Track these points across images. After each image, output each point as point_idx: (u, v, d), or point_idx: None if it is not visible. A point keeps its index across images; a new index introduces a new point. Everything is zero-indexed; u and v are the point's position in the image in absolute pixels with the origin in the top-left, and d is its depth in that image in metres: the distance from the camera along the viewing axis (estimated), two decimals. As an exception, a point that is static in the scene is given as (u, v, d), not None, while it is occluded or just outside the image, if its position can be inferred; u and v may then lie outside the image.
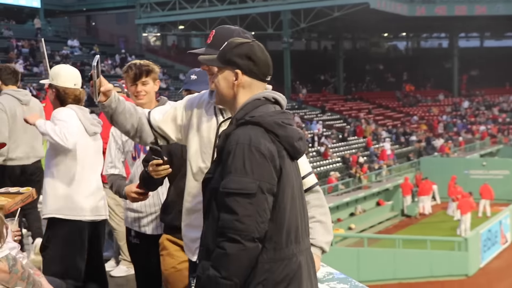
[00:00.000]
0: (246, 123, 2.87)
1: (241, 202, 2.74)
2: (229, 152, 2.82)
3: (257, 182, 2.76)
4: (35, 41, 43.29)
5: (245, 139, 2.80)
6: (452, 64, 57.74)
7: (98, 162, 5.22)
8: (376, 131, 43.98)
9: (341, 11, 45.76)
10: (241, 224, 2.72)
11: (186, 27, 53.83)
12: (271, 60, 3.09)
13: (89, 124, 5.17)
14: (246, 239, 2.72)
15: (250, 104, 2.97)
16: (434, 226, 29.47)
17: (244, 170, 2.77)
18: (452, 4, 50.30)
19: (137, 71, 4.64)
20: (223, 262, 2.75)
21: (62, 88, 5.13)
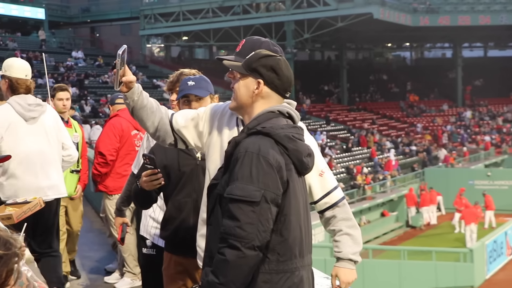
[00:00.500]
0: (257, 132, 2.89)
1: (244, 210, 2.74)
2: (237, 159, 2.83)
3: (262, 191, 2.76)
4: (39, 52, 43.42)
5: (254, 148, 2.82)
6: (456, 74, 57.75)
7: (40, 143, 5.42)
8: (380, 142, 43.92)
9: (344, 22, 45.81)
10: (242, 231, 2.72)
11: (189, 38, 53.98)
12: (293, 78, 3.12)
13: (25, 111, 5.40)
14: (246, 246, 2.72)
15: (264, 115, 2.99)
16: (439, 237, 29.38)
17: (250, 178, 2.77)
18: (455, 14, 50.35)
19: (175, 79, 4.48)
20: (222, 268, 2.75)
21: (15, 79, 5.46)
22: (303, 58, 60.69)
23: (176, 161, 3.95)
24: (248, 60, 3.07)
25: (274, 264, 2.85)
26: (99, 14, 57.72)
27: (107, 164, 7.12)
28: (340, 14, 45.88)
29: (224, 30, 49.12)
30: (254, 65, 3.05)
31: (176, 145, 3.51)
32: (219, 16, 48.92)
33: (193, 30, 50.67)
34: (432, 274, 21.25)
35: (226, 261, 2.73)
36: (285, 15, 47.55)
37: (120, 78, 3.31)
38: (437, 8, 50.60)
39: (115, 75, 3.30)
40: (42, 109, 5.53)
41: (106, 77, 42.10)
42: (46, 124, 5.50)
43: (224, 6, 48.45)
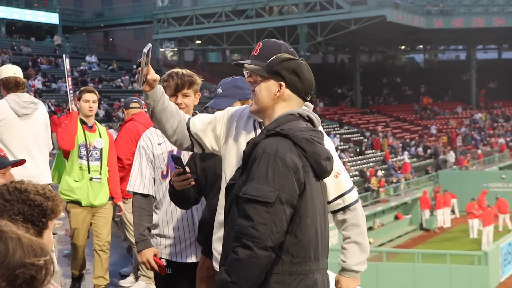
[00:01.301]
0: (276, 134, 2.91)
1: (258, 210, 2.76)
2: (254, 159, 2.86)
3: (277, 192, 2.77)
4: (54, 57, 43.67)
5: (271, 148, 2.83)
6: (470, 76, 57.49)
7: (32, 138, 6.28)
8: (393, 144, 43.84)
9: (357, 24, 45.74)
10: (255, 231, 2.74)
11: (203, 42, 54.05)
12: (314, 82, 3.17)
13: (19, 108, 6.17)
14: (259, 246, 2.73)
15: (284, 117, 3.01)
16: (453, 240, 29.26)
17: (266, 178, 2.79)
18: (469, 16, 50.15)
19: (179, 82, 4.29)
20: (234, 267, 2.77)
21: (5, 78, 6.26)
22: (316, 61, 60.59)
23: (213, 164, 3.88)
24: (270, 63, 3.09)
25: (288, 266, 2.85)
26: (113, 18, 57.93)
27: (123, 168, 7.12)
28: (353, 17, 45.81)
29: (237, 34, 49.16)
30: (276, 68, 3.07)
31: (193, 149, 3.53)
32: (232, 19, 48.98)
33: (206, 34, 50.73)
34: (447, 277, 21.15)
35: (239, 260, 2.75)
36: (298, 18, 47.54)
37: (144, 77, 3.32)
38: (451, 10, 50.44)
39: (139, 74, 3.32)
40: (35, 106, 6.35)
41: (120, 82, 42.26)
42: (37, 120, 6.38)
43: (237, 9, 48.51)
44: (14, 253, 1.76)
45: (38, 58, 41.61)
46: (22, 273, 1.76)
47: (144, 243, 4.24)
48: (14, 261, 1.75)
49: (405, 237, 30.94)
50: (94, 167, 6.69)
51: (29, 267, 1.77)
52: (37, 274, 1.79)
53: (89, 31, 61.40)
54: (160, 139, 4.39)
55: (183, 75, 4.30)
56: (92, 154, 6.72)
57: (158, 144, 4.42)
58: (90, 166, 6.68)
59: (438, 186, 35.18)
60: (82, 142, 6.69)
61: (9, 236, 1.78)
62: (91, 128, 6.88)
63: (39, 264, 1.80)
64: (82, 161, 6.67)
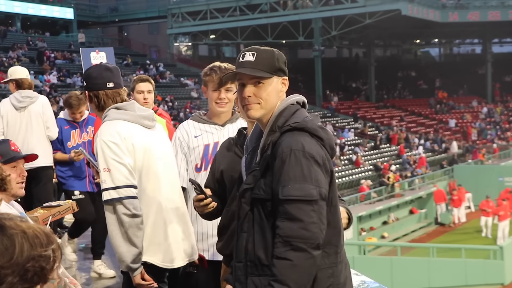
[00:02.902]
0: (292, 129, 2.85)
1: (305, 209, 2.70)
2: (283, 159, 2.78)
3: (317, 189, 2.74)
4: (68, 52, 43.83)
5: (297, 146, 2.78)
6: (486, 70, 57.17)
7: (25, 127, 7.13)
8: (408, 139, 43.71)
9: (372, 18, 45.58)
10: (307, 232, 2.68)
11: (217, 36, 54.05)
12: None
13: (17, 103, 7.10)
14: (312, 247, 2.68)
15: (287, 110, 2.95)
16: (468, 234, 29.14)
17: (303, 176, 2.74)
18: (485, 9, 49.85)
19: (222, 76, 4.08)
20: (291, 274, 2.67)
21: (20, 79, 7.19)
22: (331, 55, 60.45)
23: (230, 166, 3.63)
24: (270, 62, 2.98)
25: (333, 257, 2.85)
26: (127, 13, 58.03)
27: None
28: (368, 11, 45.65)
29: (251, 28, 49.13)
30: (278, 65, 3.00)
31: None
32: (246, 14, 48.94)
33: (220, 28, 50.73)
34: (462, 272, 21.12)
35: (294, 266, 2.66)
36: (312, 13, 47.42)
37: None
38: (467, 4, 50.15)
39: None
40: (31, 100, 7.16)
41: (134, 76, 42.35)
42: (32, 111, 7.14)
43: (251, 4, 48.44)
44: (21, 248, 1.76)
45: (53, 53, 41.76)
46: (31, 266, 1.77)
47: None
48: (23, 256, 1.76)
49: (420, 232, 30.84)
50: None
51: (37, 259, 1.78)
52: (46, 264, 1.80)
53: (104, 26, 61.56)
54: (197, 131, 4.33)
55: (226, 70, 4.14)
56: None
57: (195, 136, 4.33)
58: None
59: (453, 180, 35.03)
60: None
61: (14, 232, 1.78)
62: None
63: (47, 254, 1.80)
64: None
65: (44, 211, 4.44)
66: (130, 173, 3.77)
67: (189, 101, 40.21)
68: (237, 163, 3.47)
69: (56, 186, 8.44)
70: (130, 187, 3.75)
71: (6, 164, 3.79)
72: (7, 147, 3.84)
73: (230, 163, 3.61)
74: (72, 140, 7.26)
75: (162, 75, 43.55)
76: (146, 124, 3.96)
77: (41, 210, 4.47)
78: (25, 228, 1.81)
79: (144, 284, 3.84)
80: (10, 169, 3.80)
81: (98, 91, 3.95)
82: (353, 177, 33.07)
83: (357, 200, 29.21)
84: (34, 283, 1.80)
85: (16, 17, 49.03)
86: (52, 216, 4.43)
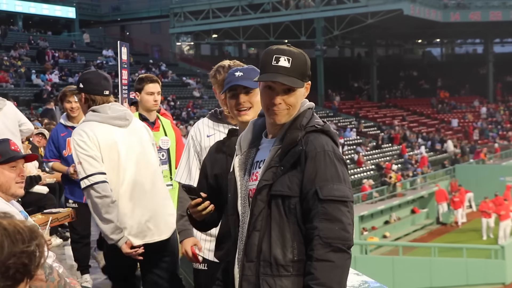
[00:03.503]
0: (317, 131, 2.84)
1: (343, 210, 2.70)
2: (315, 158, 2.75)
3: (351, 190, 2.78)
4: (70, 51, 43.86)
5: (329, 147, 2.79)
6: (487, 70, 57.16)
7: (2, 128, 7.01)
8: (410, 138, 43.72)
9: (374, 18, 45.57)
10: (346, 233, 2.68)
11: (219, 36, 54.06)
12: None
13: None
14: (348, 247, 2.69)
15: (308, 112, 2.93)
16: (470, 234, 29.14)
17: (339, 177, 2.74)
18: (486, 9, 49.82)
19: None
20: (334, 275, 2.65)
21: None
22: (333, 55, 60.45)
23: (225, 169, 3.44)
24: (301, 68, 2.90)
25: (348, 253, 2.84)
26: (129, 12, 58.03)
27: None
28: (370, 11, 45.65)
29: (253, 28, 49.14)
30: (307, 72, 2.93)
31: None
32: (248, 13, 48.95)
33: (222, 27, 50.74)
34: (463, 271, 21.12)
35: (337, 267, 2.65)
36: (314, 12, 47.43)
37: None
38: (468, 4, 50.12)
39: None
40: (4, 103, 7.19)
41: (136, 76, 42.32)
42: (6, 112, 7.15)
43: (254, 3, 48.46)
44: (1, 245, 1.72)
45: (56, 53, 41.78)
46: (13, 263, 1.74)
47: (184, 233, 4.17)
48: (3, 253, 1.72)
49: (422, 231, 30.84)
50: (162, 172, 5.54)
51: (19, 256, 1.74)
52: (29, 260, 1.77)
53: (106, 25, 61.57)
54: (210, 130, 4.23)
55: (230, 68, 3.89)
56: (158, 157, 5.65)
57: (207, 136, 4.23)
58: None
59: (454, 180, 35.03)
60: None
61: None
62: (154, 125, 6.09)
63: (30, 250, 1.76)
64: None
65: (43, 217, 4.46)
66: (98, 162, 4.45)
67: (191, 101, 40.23)
68: None
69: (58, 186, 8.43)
70: (98, 174, 4.42)
71: (6, 163, 3.79)
72: (6, 147, 3.83)
73: (225, 166, 3.45)
74: (68, 148, 6.78)
75: (164, 74, 43.56)
76: (117, 124, 4.61)
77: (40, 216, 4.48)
78: (6, 224, 1.77)
79: (131, 252, 4.49)
80: (9, 168, 3.79)
81: (95, 95, 4.62)
82: (355, 176, 33.06)
83: (359, 200, 29.22)
84: (17, 280, 1.77)
85: (17, 16, 49.08)
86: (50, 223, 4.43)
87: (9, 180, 3.77)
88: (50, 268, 3.60)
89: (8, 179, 3.77)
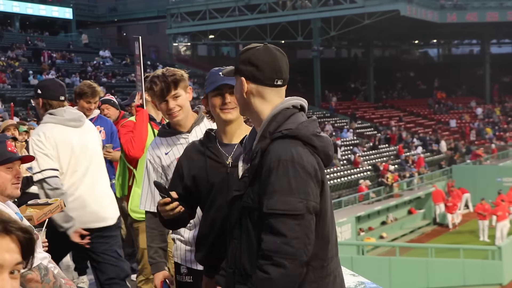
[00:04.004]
0: (283, 137, 2.69)
1: (289, 224, 2.56)
2: (270, 169, 2.63)
3: (304, 202, 2.59)
4: (67, 52, 43.84)
5: (287, 155, 2.63)
6: (484, 70, 57.19)
7: None
8: (407, 139, 43.75)
9: (371, 19, 45.59)
10: (290, 248, 2.55)
11: (216, 37, 54.07)
12: (283, 62, 2.85)
13: None
14: (294, 263, 2.55)
15: (281, 114, 2.78)
16: (467, 234, 29.17)
17: (290, 189, 2.59)
18: (483, 10, 49.87)
19: (163, 85, 3.87)
20: (267, 287, 2.58)
21: None
22: (330, 56, 60.51)
23: (204, 170, 3.41)
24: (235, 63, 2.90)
25: (319, 271, 2.72)
26: (126, 13, 58.04)
27: None
28: (366, 11, 45.67)
29: (250, 28, 49.13)
30: (236, 64, 2.87)
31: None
32: (245, 14, 48.95)
33: (219, 28, 50.74)
34: (460, 272, 21.14)
35: (271, 280, 2.56)
36: (311, 13, 47.42)
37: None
38: (465, 5, 50.16)
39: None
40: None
41: (133, 76, 42.30)
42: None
43: (250, 4, 48.47)
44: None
45: (54, 53, 41.77)
46: None
47: (155, 266, 4.00)
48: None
49: (419, 232, 30.88)
50: None
51: None
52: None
53: (103, 26, 61.56)
54: (167, 148, 4.00)
55: (165, 77, 3.87)
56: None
57: (165, 153, 4.01)
58: None
59: (451, 180, 35.06)
60: None
61: None
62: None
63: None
64: None
65: (36, 210, 4.44)
66: (52, 160, 5.09)
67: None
68: (213, 168, 3.38)
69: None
70: (51, 169, 5.07)
71: (2, 165, 3.78)
72: (3, 148, 3.83)
73: (204, 168, 3.41)
74: None
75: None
76: (71, 125, 5.27)
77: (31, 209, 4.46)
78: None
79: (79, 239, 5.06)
80: (6, 170, 3.79)
81: (52, 101, 5.25)
82: (351, 177, 33.07)
83: (356, 200, 29.24)
84: None
85: (15, 17, 49.06)
86: (44, 215, 4.42)
87: (5, 181, 3.77)
88: (46, 270, 3.60)
89: (4, 180, 3.77)
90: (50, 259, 3.94)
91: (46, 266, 3.65)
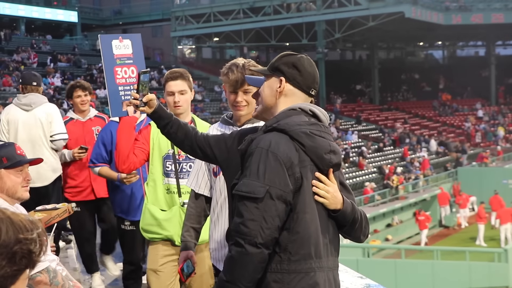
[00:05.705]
0: (272, 129, 2.87)
1: (248, 206, 2.73)
2: (249, 155, 2.84)
3: (267, 187, 2.73)
4: (72, 55, 43.92)
5: (265, 144, 2.80)
6: (489, 72, 57.11)
7: None
8: (411, 141, 43.69)
9: (376, 21, 45.59)
10: (245, 228, 2.70)
11: (220, 39, 54.11)
12: (318, 75, 3.11)
13: None
14: (249, 243, 2.69)
15: (284, 113, 2.96)
16: (473, 237, 29.09)
17: (257, 174, 2.76)
18: (488, 12, 49.81)
19: (239, 76, 3.69)
20: (229, 265, 2.74)
21: None
22: (334, 58, 60.49)
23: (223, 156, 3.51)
24: (271, 62, 3.08)
25: (286, 264, 2.79)
26: (131, 16, 58.17)
27: None
28: (371, 14, 45.68)
29: (255, 31, 49.17)
30: (276, 64, 3.05)
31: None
32: (250, 16, 48.98)
33: (224, 31, 50.81)
34: (466, 274, 21.06)
35: (232, 258, 2.73)
36: (316, 15, 47.44)
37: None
38: (470, 6, 50.11)
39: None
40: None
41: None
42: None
43: (255, 6, 48.50)
44: (7, 232, 1.84)
45: (58, 56, 41.85)
46: (19, 249, 1.85)
47: (183, 244, 4.01)
48: (9, 239, 1.83)
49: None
50: (187, 187, 4.50)
51: (24, 242, 1.86)
52: (33, 247, 1.88)
53: (108, 29, 61.57)
54: (218, 133, 3.85)
55: (244, 68, 3.68)
56: (183, 168, 4.75)
57: None
58: (180, 186, 4.70)
59: (457, 183, 34.99)
60: (167, 152, 4.76)
61: (0, 217, 1.87)
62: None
63: (33, 238, 1.88)
64: (169, 179, 4.72)
65: (44, 215, 4.45)
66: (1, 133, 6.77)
67: (192, 104, 40.16)
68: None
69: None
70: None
71: (12, 168, 3.80)
72: (13, 151, 3.85)
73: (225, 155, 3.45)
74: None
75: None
76: (24, 108, 6.77)
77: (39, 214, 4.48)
78: (10, 214, 1.89)
79: None
80: (16, 173, 3.81)
81: (27, 85, 6.80)
82: (357, 179, 33.05)
83: (361, 203, 29.18)
84: (22, 266, 1.88)
85: (20, 20, 49.19)
86: (52, 219, 4.44)
87: (15, 184, 3.81)
88: (54, 272, 3.62)
89: (14, 184, 3.80)
90: (59, 261, 3.96)
91: (54, 268, 3.67)
